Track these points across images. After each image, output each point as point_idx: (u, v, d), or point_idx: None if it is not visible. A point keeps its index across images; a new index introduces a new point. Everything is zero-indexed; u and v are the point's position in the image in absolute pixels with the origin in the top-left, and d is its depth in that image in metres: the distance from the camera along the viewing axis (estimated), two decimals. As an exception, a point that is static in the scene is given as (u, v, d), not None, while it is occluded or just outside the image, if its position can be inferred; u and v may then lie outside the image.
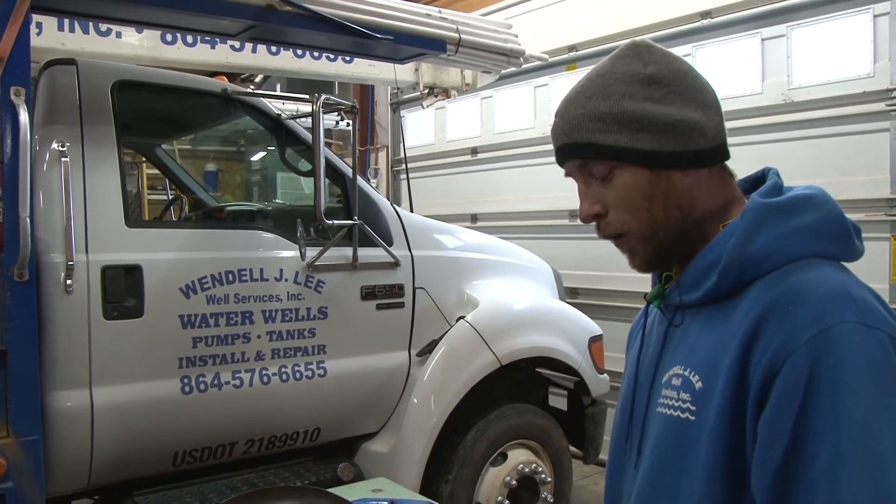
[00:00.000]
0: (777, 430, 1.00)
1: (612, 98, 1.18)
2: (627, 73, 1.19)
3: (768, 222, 1.12)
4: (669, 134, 1.16)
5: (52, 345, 2.78)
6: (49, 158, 2.87)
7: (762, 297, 1.08)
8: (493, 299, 4.03)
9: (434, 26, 3.62)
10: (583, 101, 1.20)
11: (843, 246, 1.14)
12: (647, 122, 1.16)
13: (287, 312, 3.30)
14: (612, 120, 1.17)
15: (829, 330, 0.99)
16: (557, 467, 4.14)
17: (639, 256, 1.23)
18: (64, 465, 2.85)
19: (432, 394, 3.68)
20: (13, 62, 2.55)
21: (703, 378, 1.13)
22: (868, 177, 4.35)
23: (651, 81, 1.18)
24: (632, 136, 1.16)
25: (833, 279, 1.07)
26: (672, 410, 1.17)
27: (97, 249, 2.89)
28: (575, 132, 1.20)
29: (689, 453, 1.12)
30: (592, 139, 1.18)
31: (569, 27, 6.09)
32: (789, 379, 0.99)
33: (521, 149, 6.57)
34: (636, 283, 5.30)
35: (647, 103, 1.17)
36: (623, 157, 1.17)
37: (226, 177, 7.83)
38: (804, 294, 1.04)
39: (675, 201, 1.19)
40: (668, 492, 1.16)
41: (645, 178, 1.18)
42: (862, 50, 4.38)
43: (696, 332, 1.19)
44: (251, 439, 3.31)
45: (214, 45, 4.45)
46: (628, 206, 1.19)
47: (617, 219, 1.21)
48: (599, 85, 1.20)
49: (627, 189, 1.18)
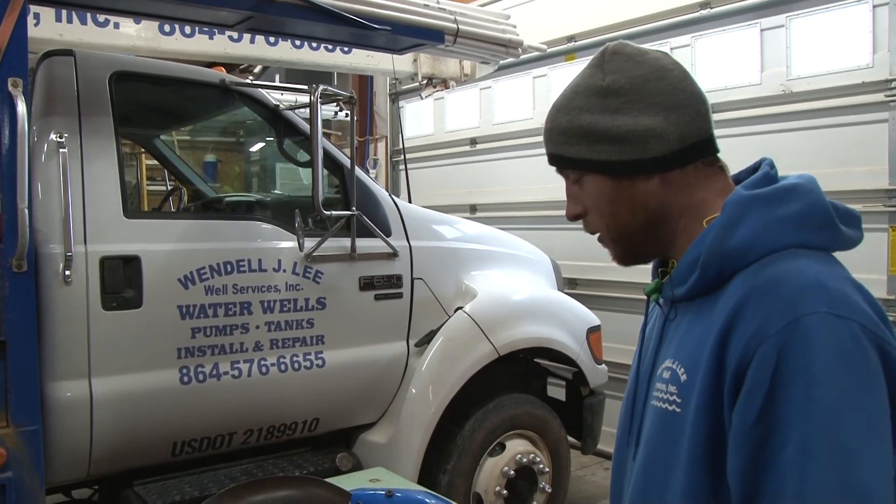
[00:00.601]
0: (747, 419, 1.01)
1: (572, 113, 1.25)
2: (588, 85, 1.25)
3: (749, 214, 1.13)
4: (624, 144, 1.20)
5: (51, 335, 2.79)
6: (47, 149, 2.87)
7: (740, 288, 1.09)
8: (492, 290, 4.03)
9: (432, 17, 3.62)
10: (553, 114, 1.29)
11: (826, 235, 1.14)
12: (602, 135, 1.22)
13: (285, 303, 3.31)
14: (572, 133, 1.25)
15: (800, 320, 1.00)
16: (556, 458, 4.15)
17: (616, 254, 1.32)
18: (63, 454, 2.86)
19: (430, 384, 3.69)
20: (10, 53, 2.54)
21: (687, 370, 1.14)
22: (867, 168, 4.35)
23: (608, 93, 1.22)
24: (589, 148, 1.23)
25: (809, 269, 1.06)
26: (662, 403, 1.19)
27: (96, 240, 2.90)
28: (548, 143, 1.31)
29: (675, 445, 1.13)
30: (559, 151, 1.28)
31: (567, 17, 6.08)
32: (759, 368, 1.00)
33: (519, 139, 6.56)
34: (635, 274, 5.27)
35: (603, 115, 1.22)
36: (584, 167, 1.25)
37: (224, 167, 7.82)
38: (778, 285, 1.05)
39: (639, 205, 1.24)
40: (658, 483, 1.17)
41: (608, 186, 1.24)
42: (861, 40, 4.37)
43: (686, 325, 1.20)
44: (250, 429, 3.32)
45: (212, 35, 4.44)
46: (598, 210, 1.28)
47: (592, 220, 1.31)
48: (566, 98, 1.28)
49: (594, 195, 1.27)
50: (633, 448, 1.29)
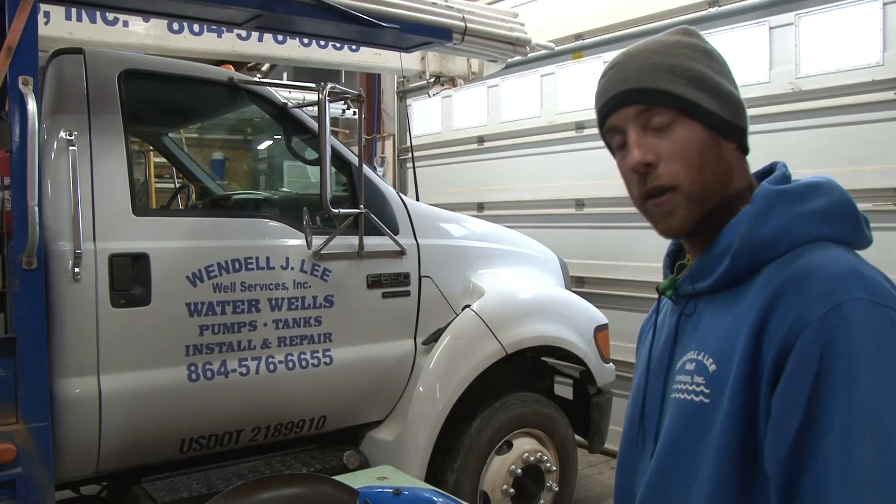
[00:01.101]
0: (790, 404, 1.01)
1: (680, 57, 1.21)
2: (688, 43, 1.24)
3: (778, 207, 1.14)
4: (725, 103, 1.21)
5: (60, 332, 2.80)
6: (57, 147, 2.88)
7: (773, 278, 1.10)
8: (499, 288, 4.03)
9: (440, 15, 3.61)
10: (649, 55, 1.22)
11: (853, 230, 1.16)
12: (711, 85, 1.20)
13: (293, 301, 3.32)
14: (682, 73, 1.19)
15: (841, 306, 1.01)
16: (563, 456, 4.15)
17: (678, 216, 1.20)
18: (72, 451, 2.88)
19: (438, 382, 3.69)
20: (21, 52, 2.56)
21: (716, 361, 1.14)
22: (877, 166, 4.33)
23: (709, 55, 1.24)
24: (697, 93, 1.19)
25: (843, 258, 1.08)
26: (686, 395, 1.18)
27: (104, 238, 2.91)
28: (644, 79, 1.20)
29: (703, 434, 1.13)
30: (662, 86, 1.19)
31: (575, 16, 6.06)
32: (802, 354, 1.01)
33: (527, 137, 6.55)
34: (642, 272, 5.31)
35: (709, 71, 1.21)
36: (688, 109, 1.19)
37: (232, 165, 7.84)
38: (815, 272, 1.06)
39: (722, 167, 1.21)
40: (681, 474, 1.17)
41: (702, 136, 1.19)
42: (871, 38, 4.35)
43: (709, 317, 1.20)
44: (257, 427, 3.32)
45: (221, 33, 4.45)
46: (683, 160, 1.18)
47: (669, 171, 1.19)
48: (665, 45, 1.23)
49: (685, 142, 1.18)
50: (650, 446, 1.28)
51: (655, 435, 1.26)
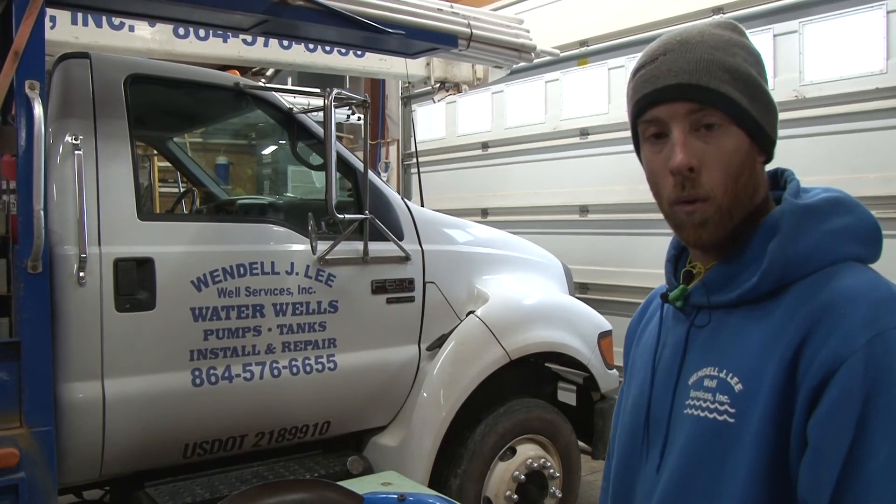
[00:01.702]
0: (833, 432, 0.99)
1: (738, 58, 1.15)
2: (742, 44, 1.17)
3: (807, 224, 1.12)
4: (770, 113, 1.17)
5: (64, 337, 2.80)
6: (63, 151, 2.89)
7: (809, 300, 1.07)
8: (503, 294, 4.03)
9: (446, 21, 3.62)
10: (707, 49, 1.14)
11: (875, 248, 1.15)
12: (762, 94, 1.15)
13: (298, 306, 3.32)
14: (739, 77, 1.13)
15: (886, 334, 0.99)
16: (566, 462, 4.14)
17: (709, 229, 1.15)
18: (76, 455, 2.87)
19: (442, 388, 3.69)
20: (28, 56, 2.56)
21: (742, 380, 1.11)
22: (880, 174, 4.33)
23: (759, 61, 1.18)
24: (750, 101, 1.14)
25: (881, 284, 1.07)
26: (706, 412, 1.14)
27: (110, 242, 2.91)
28: (702, 75, 1.13)
29: (729, 455, 1.10)
30: (721, 88, 1.12)
31: (580, 22, 6.08)
32: (846, 382, 0.99)
33: (531, 143, 6.56)
34: (646, 278, 5.30)
35: (759, 78, 1.16)
36: (741, 117, 1.13)
37: (237, 170, 7.86)
38: (856, 298, 1.04)
39: (754, 181, 1.16)
40: (702, 493, 1.14)
41: (746, 147, 1.14)
42: (875, 46, 4.36)
43: (730, 333, 1.17)
44: (261, 432, 3.32)
45: (227, 38, 4.46)
46: (726, 169, 1.13)
47: (709, 179, 1.13)
48: (721, 41, 1.15)
49: (731, 151, 1.13)
50: (655, 458, 1.24)
51: (662, 448, 1.23)
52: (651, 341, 1.35)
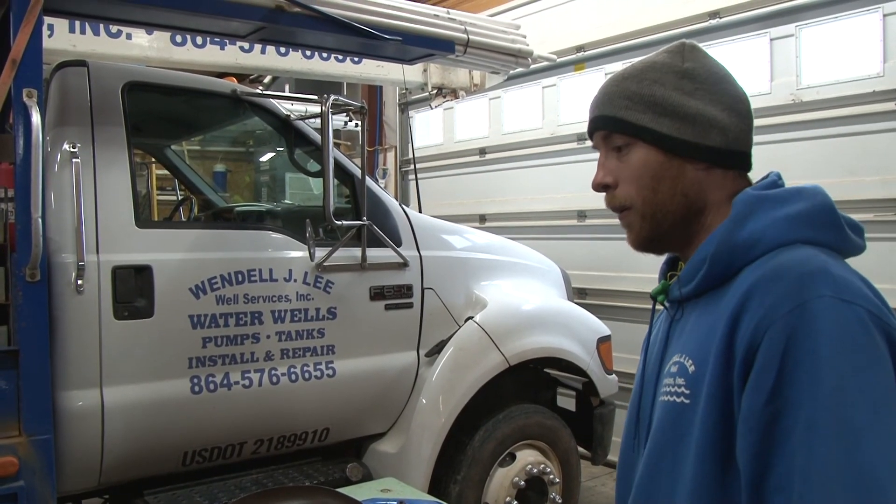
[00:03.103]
0: (757, 400, 1.03)
1: (644, 82, 1.26)
2: (665, 64, 1.28)
3: (757, 211, 1.17)
4: (689, 124, 1.23)
5: (63, 344, 2.80)
6: (60, 159, 2.89)
7: (747, 279, 1.12)
8: (502, 300, 4.03)
9: (442, 27, 3.63)
10: (619, 80, 1.30)
11: (832, 234, 1.16)
12: (670, 110, 1.24)
13: (296, 313, 3.31)
14: (639, 100, 1.25)
15: (807, 304, 1.02)
16: (566, 468, 4.14)
17: (634, 232, 1.30)
18: (75, 464, 2.87)
19: (441, 394, 3.68)
20: (26, 64, 2.57)
21: (695, 362, 1.17)
22: (877, 177, 4.34)
23: (685, 75, 1.26)
24: (653, 119, 1.24)
25: (814, 258, 1.09)
26: (670, 396, 1.21)
27: (108, 250, 2.91)
28: (605, 106, 1.29)
29: (685, 436, 1.15)
30: (617, 114, 1.27)
31: (577, 28, 6.08)
32: (767, 351, 1.03)
33: (529, 149, 6.56)
34: (645, 283, 5.29)
35: (675, 93, 1.25)
36: (640, 134, 1.25)
37: (235, 177, 7.85)
38: (784, 271, 1.08)
39: (681, 189, 1.25)
40: (666, 476, 1.19)
41: (657, 160, 1.25)
42: (871, 49, 4.36)
43: (693, 321, 1.23)
44: (260, 439, 3.32)
45: (224, 46, 4.47)
46: (636, 182, 1.26)
47: (623, 192, 1.28)
48: (638, 70, 1.29)
49: (639, 166, 1.26)
50: (642, 450, 1.30)
51: (646, 438, 1.29)
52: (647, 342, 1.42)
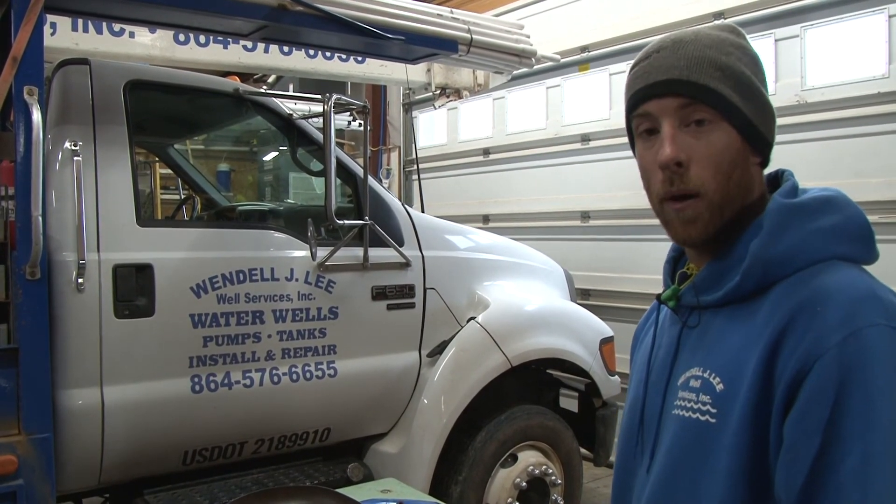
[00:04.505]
0: (806, 431, 0.99)
1: (732, 57, 1.16)
2: (739, 44, 1.19)
3: (792, 223, 1.11)
4: (765, 115, 1.17)
5: (63, 343, 2.79)
6: (62, 157, 2.88)
7: (787, 298, 1.07)
8: (504, 300, 4.01)
9: (446, 26, 3.62)
10: (700, 47, 1.16)
11: (864, 248, 1.13)
12: (756, 94, 1.16)
13: (297, 312, 3.30)
14: (732, 75, 1.14)
15: (860, 332, 0.98)
16: (568, 469, 4.12)
17: (698, 226, 1.15)
18: (74, 462, 2.86)
19: (442, 394, 3.67)
20: (27, 62, 2.56)
21: (724, 380, 1.11)
22: (883, 179, 4.32)
23: (756, 62, 1.19)
24: (742, 99, 1.14)
25: (860, 281, 1.06)
26: (690, 413, 1.15)
27: (109, 248, 2.90)
28: (693, 71, 1.14)
29: (709, 456, 1.10)
30: (712, 84, 1.13)
31: (581, 28, 6.07)
32: (819, 381, 0.98)
33: (533, 149, 6.55)
34: (648, 284, 5.28)
35: (755, 77, 1.17)
36: (732, 113, 1.14)
37: (238, 176, 7.86)
38: (832, 296, 1.03)
39: (746, 180, 1.17)
40: (684, 494, 1.14)
41: (737, 144, 1.14)
42: (877, 51, 4.35)
43: (715, 333, 1.17)
44: (261, 439, 3.31)
45: (227, 45, 4.47)
46: (715, 165, 1.13)
47: (698, 175, 1.13)
48: (716, 41, 1.17)
49: (721, 147, 1.13)
50: (645, 459, 1.25)
51: (653, 448, 1.24)
52: (648, 343, 1.36)
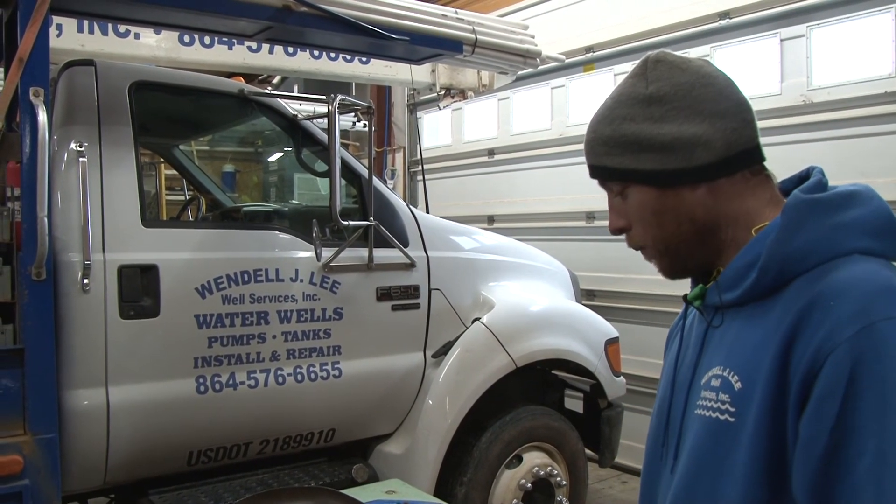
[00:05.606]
0: (819, 428, 0.98)
1: (615, 123, 1.22)
2: (631, 94, 1.22)
3: (810, 218, 1.10)
4: (669, 153, 1.17)
5: (68, 343, 2.79)
6: (67, 158, 2.89)
7: (803, 293, 1.06)
8: (509, 301, 4.01)
9: (450, 27, 3.62)
10: (594, 125, 1.26)
11: (889, 241, 1.11)
12: (647, 144, 1.19)
13: (302, 313, 3.31)
14: (615, 144, 1.22)
15: (874, 326, 0.97)
16: (573, 470, 4.12)
17: (658, 267, 1.28)
18: (80, 463, 2.87)
19: (447, 395, 3.67)
20: (33, 63, 2.57)
21: (742, 378, 1.10)
22: (889, 178, 4.30)
23: (651, 101, 1.19)
24: (634, 158, 1.20)
25: (878, 275, 1.04)
26: (711, 412, 1.15)
27: (114, 249, 2.91)
28: (590, 155, 1.27)
29: (728, 455, 1.10)
30: (601, 162, 1.25)
31: (586, 28, 6.06)
32: (832, 376, 0.97)
33: (537, 150, 6.55)
34: (653, 285, 5.28)
35: (646, 124, 1.19)
36: (628, 178, 1.22)
37: (243, 177, 7.87)
38: (847, 289, 1.02)
39: (686, 216, 1.20)
40: (705, 494, 1.13)
41: (653, 196, 1.21)
42: (883, 50, 4.33)
43: (736, 331, 1.17)
44: (266, 439, 3.31)
45: (231, 46, 4.47)
46: (642, 222, 1.24)
47: (637, 233, 1.26)
48: (608, 108, 1.25)
49: (638, 206, 1.23)
50: (669, 460, 1.25)
51: (676, 449, 1.24)
52: (677, 344, 1.36)
